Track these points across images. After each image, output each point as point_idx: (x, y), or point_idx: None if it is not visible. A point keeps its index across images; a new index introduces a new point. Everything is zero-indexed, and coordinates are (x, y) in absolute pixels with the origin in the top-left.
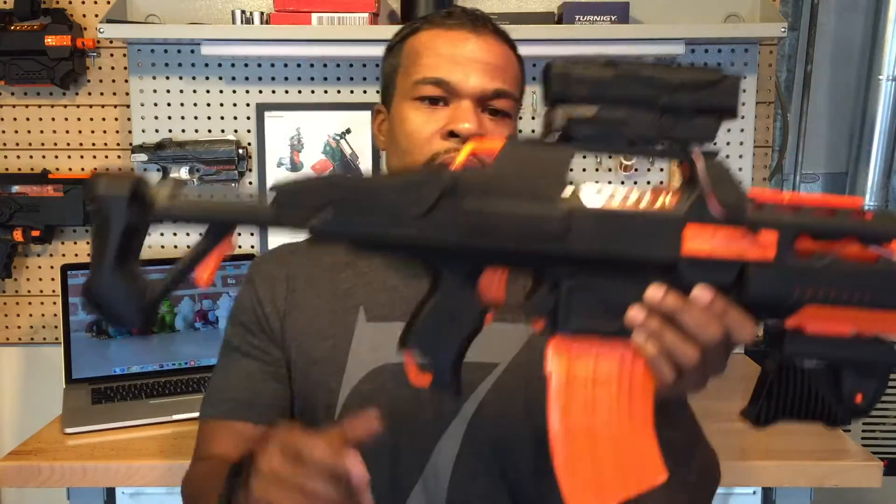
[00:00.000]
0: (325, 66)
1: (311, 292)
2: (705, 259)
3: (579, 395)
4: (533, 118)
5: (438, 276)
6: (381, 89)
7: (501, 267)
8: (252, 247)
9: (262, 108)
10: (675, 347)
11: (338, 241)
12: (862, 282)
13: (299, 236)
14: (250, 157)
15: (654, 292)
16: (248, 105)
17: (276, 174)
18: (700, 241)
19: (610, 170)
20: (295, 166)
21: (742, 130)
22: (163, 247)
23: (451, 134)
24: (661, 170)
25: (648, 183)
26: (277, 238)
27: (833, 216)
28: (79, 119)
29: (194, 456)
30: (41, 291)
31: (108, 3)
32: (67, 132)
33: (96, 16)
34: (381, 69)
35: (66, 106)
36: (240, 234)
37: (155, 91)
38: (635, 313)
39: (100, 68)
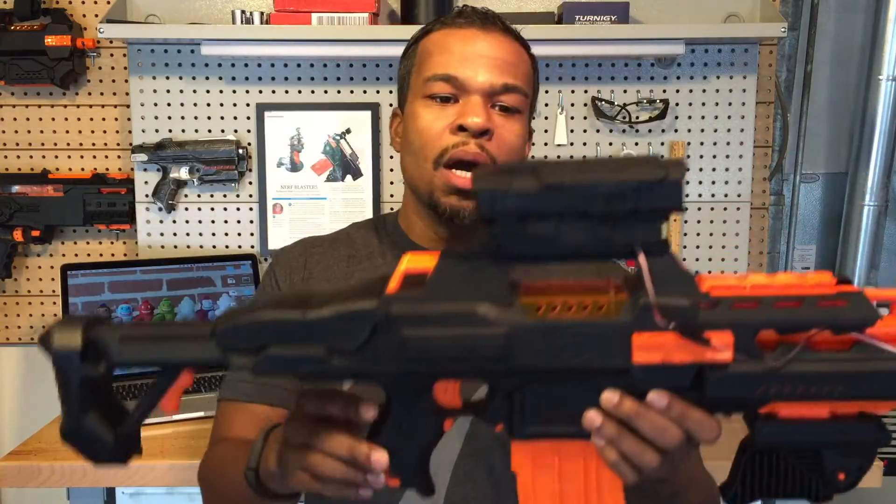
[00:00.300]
0: (325, 66)
1: (324, 282)
2: (658, 365)
3: (546, 490)
4: (533, 118)
5: (390, 393)
6: (397, 92)
7: (451, 380)
8: (252, 247)
9: (262, 108)
10: (633, 453)
11: (281, 375)
12: (832, 376)
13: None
14: (250, 157)
15: (610, 397)
16: (248, 105)
17: (276, 174)
18: (650, 350)
19: None
20: (295, 166)
21: (742, 130)
22: (162, 247)
23: (461, 128)
24: None
25: None
26: (277, 238)
27: (799, 306)
28: (79, 119)
29: (212, 439)
30: (41, 291)
31: (108, 3)
32: (67, 132)
33: (96, 16)
34: (397, 74)
35: (66, 106)
36: (240, 235)
37: (155, 91)
38: (592, 416)
39: (100, 68)
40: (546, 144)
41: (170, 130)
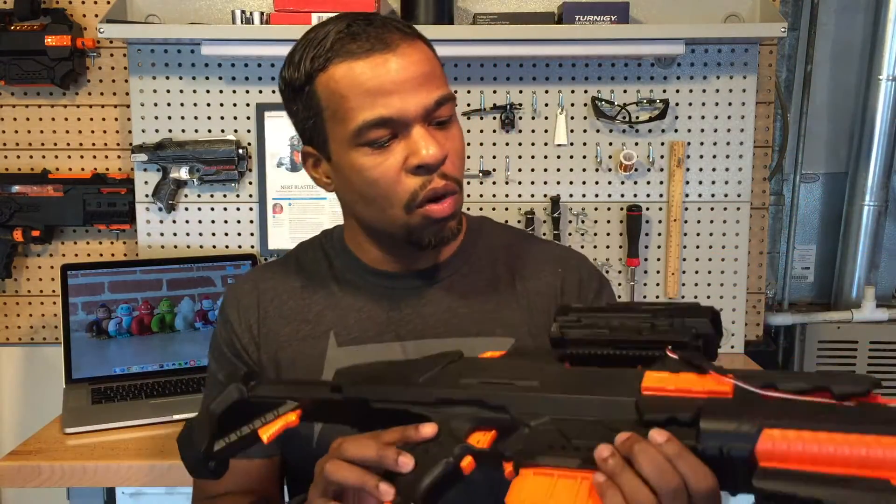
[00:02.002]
0: None
1: (280, 320)
2: (662, 396)
3: None
4: (533, 118)
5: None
6: (299, 131)
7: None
8: (252, 247)
9: (262, 108)
10: (630, 489)
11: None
12: (831, 414)
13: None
14: (250, 157)
15: (621, 435)
16: (248, 105)
17: (276, 174)
18: (657, 380)
19: (610, 170)
20: (295, 166)
21: (742, 130)
22: (162, 247)
23: (419, 167)
24: (662, 170)
25: (648, 183)
26: (277, 238)
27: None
28: (79, 119)
29: (195, 495)
30: (41, 291)
31: (108, 3)
32: (67, 132)
33: (96, 16)
34: (287, 108)
35: (66, 106)
36: (240, 235)
37: (155, 91)
38: (602, 449)
39: (100, 68)
40: (546, 144)
41: (170, 130)
